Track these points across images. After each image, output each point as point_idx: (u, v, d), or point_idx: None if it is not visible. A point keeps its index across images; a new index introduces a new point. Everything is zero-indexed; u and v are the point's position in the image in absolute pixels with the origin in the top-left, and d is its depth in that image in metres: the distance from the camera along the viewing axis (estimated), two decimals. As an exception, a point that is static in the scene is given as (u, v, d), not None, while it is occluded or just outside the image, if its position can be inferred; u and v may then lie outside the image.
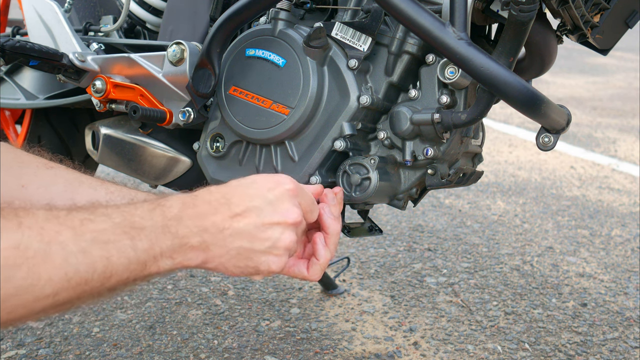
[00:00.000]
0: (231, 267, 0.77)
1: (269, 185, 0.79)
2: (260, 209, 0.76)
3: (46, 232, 0.62)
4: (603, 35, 1.15)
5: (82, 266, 0.63)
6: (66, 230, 0.63)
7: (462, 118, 1.01)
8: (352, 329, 1.63)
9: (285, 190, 0.79)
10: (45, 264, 0.60)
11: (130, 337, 1.54)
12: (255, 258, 0.77)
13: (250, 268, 0.77)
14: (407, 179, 1.11)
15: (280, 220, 0.77)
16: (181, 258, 0.73)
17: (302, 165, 1.07)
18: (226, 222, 0.75)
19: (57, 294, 0.62)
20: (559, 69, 6.34)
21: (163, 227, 0.71)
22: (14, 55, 1.18)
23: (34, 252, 0.60)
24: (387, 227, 2.33)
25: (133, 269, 0.68)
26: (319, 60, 1.06)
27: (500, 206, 2.66)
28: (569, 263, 2.12)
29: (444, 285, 1.91)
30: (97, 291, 0.66)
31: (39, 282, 0.60)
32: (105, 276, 0.66)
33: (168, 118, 1.19)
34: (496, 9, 1.06)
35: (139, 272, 0.69)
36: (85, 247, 0.64)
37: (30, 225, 0.61)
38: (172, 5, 1.35)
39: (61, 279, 0.62)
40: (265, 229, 0.76)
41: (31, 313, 0.62)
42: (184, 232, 0.73)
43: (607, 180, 3.13)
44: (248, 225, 0.76)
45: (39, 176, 0.85)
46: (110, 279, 0.66)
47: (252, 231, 0.76)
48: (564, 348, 1.59)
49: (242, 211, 0.76)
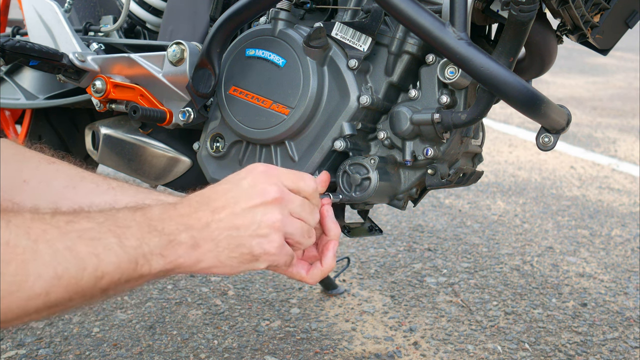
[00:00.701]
0: (227, 260, 0.77)
1: (242, 175, 0.81)
2: (237, 198, 0.78)
3: (33, 231, 0.62)
4: (603, 35, 1.15)
5: (71, 264, 0.63)
6: (52, 229, 0.64)
7: (462, 118, 1.01)
8: (352, 329, 1.63)
9: (258, 174, 0.81)
10: (35, 261, 0.61)
11: (130, 337, 1.54)
12: (247, 243, 0.77)
13: (246, 255, 0.77)
14: (407, 179, 1.11)
15: (259, 201, 0.78)
16: (172, 255, 0.73)
17: (302, 165, 1.07)
18: (209, 216, 0.76)
19: (48, 293, 0.62)
20: (559, 69, 6.33)
21: (148, 226, 0.71)
22: (14, 55, 1.18)
23: (22, 249, 0.60)
24: (387, 227, 2.33)
25: (124, 268, 0.68)
26: (319, 60, 1.06)
27: (500, 206, 2.66)
28: (569, 263, 2.12)
29: (444, 285, 1.91)
30: (89, 292, 0.66)
31: (28, 278, 0.60)
32: (96, 275, 0.66)
33: (168, 118, 1.19)
34: (496, 9, 1.06)
35: (131, 271, 0.69)
36: (70, 245, 0.64)
37: (18, 224, 0.62)
38: (172, 5, 1.35)
39: (51, 277, 0.62)
40: (246, 213, 0.77)
41: (25, 313, 0.62)
42: (170, 229, 0.73)
43: (607, 180, 3.13)
44: (229, 214, 0.77)
45: (40, 171, 0.85)
46: (102, 278, 0.66)
47: (235, 219, 0.77)
48: (564, 348, 1.59)
49: (221, 204, 0.77)
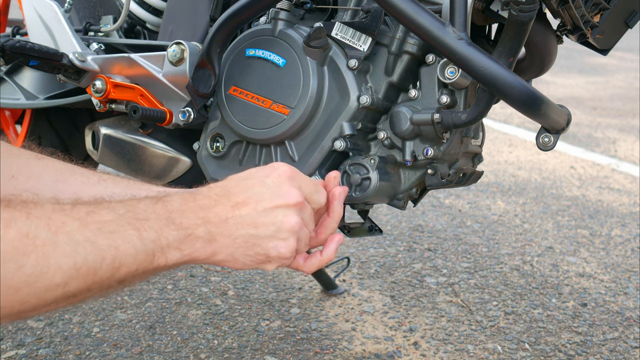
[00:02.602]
0: (241, 257, 0.77)
1: (265, 173, 0.80)
2: (260, 195, 0.77)
3: (53, 223, 0.62)
4: (603, 35, 1.15)
5: (90, 255, 0.64)
6: (72, 221, 0.64)
7: (462, 118, 1.01)
8: (352, 329, 1.63)
9: (282, 173, 0.80)
10: (55, 252, 0.61)
11: (130, 337, 1.54)
12: (263, 244, 0.76)
13: (261, 255, 0.77)
14: (407, 179, 1.11)
15: (281, 202, 0.77)
16: (189, 249, 0.73)
17: (302, 165, 1.07)
18: (228, 211, 0.75)
19: (66, 283, 0.63)
20: (559, 69, 6.33)
21: (167, 219, 0.71)
22: (14, 55, 1.19)
23: (42, 241, 0.61)
24: (387, 227, 2.33)
25: (141, 259, 0.68)
26: (319, 60, 1.06)
27: (500, 206, 2.66)
28: (569, 263, 2.12)
29: (444, 285, 1.91)
30: (106, 283, 0.67)
31: (48, 270, 0.61)
32: (114, 266, 0.66)
33: (168, 118, 1.19)
34: (496, 9, 1.06)
35: (148, 263, 0.69)
36: (91, 237, 0.64)
37: (39, 216, 0.62)
38: (172, 5, 1.35)
39: (70, 268, 0.62)
40: (268, 213, 0.76)
41: (43, 304, 0.63)
42: (188, 223, 0.73)
43: (607, 180, 3.13)
44: (250, 212, 0.76)
45: (29, 166, 0.85)
46: (119, 269, 0.67)
47: (255, 217, 0.76)
48: (564, 348, 1.59)
49: (242, 200, 0.76)
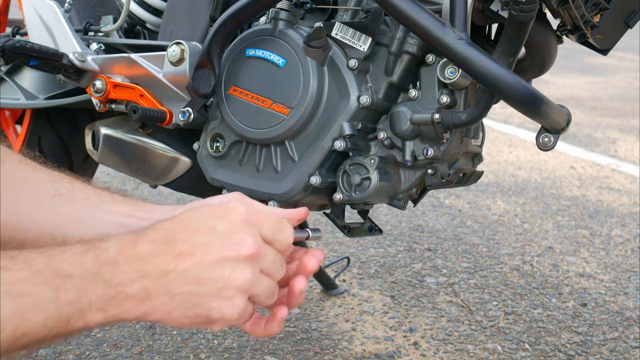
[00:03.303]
0: (179, 318, 0.66)
1: (218, 214, 0.68)
2: (207, 244, 0.66)
3: None
4: (603, 35, 1.15)
5: None
6: None
7: (462, 118, 1.01)
8: (352, 329, 1.63)
9: (237, 216, 0.68)
10: None
11: (130, 337, 1.54)
12: (206, 304, 0.65)
13: (201, 317, 0.66)
14: (407, 179, 1.11)
15: (231, 254, 0.65)
16: (115, 310, 0.62)
17: (302, 165, 1.07)
18: (170, 263, 0.64)
19: None
20: (559, 69, 6.33)
21: (95, 274, 0.61)
22: (14, 55, 1.19)
23: None
24: (387, 227, 2.33)
25: (52, 326, 0.59)
26: (319, 60, 1.06)
27: (500, 206, 2.66)
28: (569, 263, 2.12)
29: (444, 285, 1.91)
30: (6, 349, 0.58)
31: None
32: (15, 336, 0.57)
33: (168, 118, 1.19)
34: (496, 9, 1.06)
35: (60, 329, 0.60)
36: None
37: None
38: (172, 5, 1.35)
39: None
40: (214, 267, 0.65)
41: None
42: (121, 278, 0.62)
43: (607, 180, 3.13)
44: (195, 265, 0.65)
45: None
46: (21, 338, 0.58)
47: (200, 272, 0.65)
48: (564, 348, 1.59)
49: (187, 250, 0.65)
